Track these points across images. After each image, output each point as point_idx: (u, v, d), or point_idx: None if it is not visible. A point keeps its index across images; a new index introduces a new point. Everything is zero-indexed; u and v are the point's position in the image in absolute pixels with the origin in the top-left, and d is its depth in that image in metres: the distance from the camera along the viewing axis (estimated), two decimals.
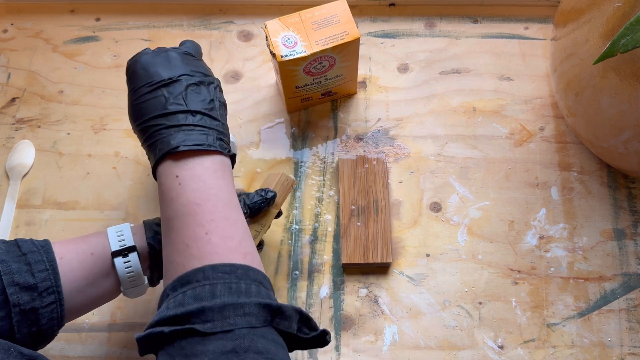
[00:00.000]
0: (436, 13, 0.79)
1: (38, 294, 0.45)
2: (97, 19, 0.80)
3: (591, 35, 0.56)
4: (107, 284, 0.51)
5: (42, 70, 0.77)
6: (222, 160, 0.48)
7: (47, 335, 0.47)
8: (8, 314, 0.44)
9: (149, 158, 0.50)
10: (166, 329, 0.39)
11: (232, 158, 0.50)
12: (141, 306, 0.64)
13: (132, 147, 0.72)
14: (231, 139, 0.58)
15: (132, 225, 0.53)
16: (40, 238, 0.50)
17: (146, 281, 0.53)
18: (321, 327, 0.44)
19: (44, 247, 0.48)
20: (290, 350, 0.43)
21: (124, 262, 0.50)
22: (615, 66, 0.54)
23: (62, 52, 0.78)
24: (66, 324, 0.63)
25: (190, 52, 0.53)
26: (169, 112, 0.48)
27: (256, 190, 0.57)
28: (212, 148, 0.47)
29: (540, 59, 0.76)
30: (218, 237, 0.44)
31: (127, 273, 0.50)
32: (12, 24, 0.80)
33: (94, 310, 0.63)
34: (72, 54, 0.78)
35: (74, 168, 0.71)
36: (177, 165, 0.46)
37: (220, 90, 0.52)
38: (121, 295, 0.53)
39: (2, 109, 0.75)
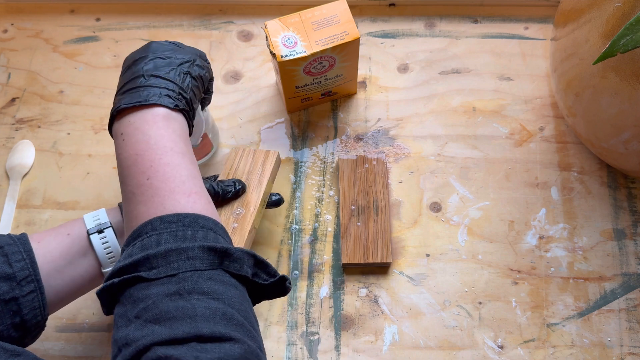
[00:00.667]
0: (436, 13, 0.79)
1: (17, 283, 0.46)
2: (97, 19, 0.80)
3: (591, 35, 0.56)
4: (86, 263, 0.52)
5: (42, 70, 0.77)
6: (165, 113, 0.49)
7: (32, 327, 0.48)
8: None
9: None
10: (116, 279, 0.41)
11: (184, 112, 0.50)
12: None
13: None
14: (210, 122, 0.63)
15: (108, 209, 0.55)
16: None
17: None
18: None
19: (21, 239, 0.49)
20: (254, 302, 0.45)
21: (101, 239, 0.52)
22: (615, 66, 0.54)
23: (62, 52, 0.78)
24: (66, 324, 0.63)
25: (176, 42, 0.55)
26: (128, 81, 0.50)
27: (232, 180, 0.59)
28: (151, 102, 0.48)
29: (540, 59, 0.76)
30: (158, 180, 0.45)
31: (105, 249, 0.52)
32: (12, 24, 0.80)
33: (94, 310, 0.63)
34: (72, 54, 0.78)
35: (74, 168, 0.71)
36: (121, 123, 0.48)
37: (200, 67, 0.53)
38: None
39: (2, 109, 0.75)
